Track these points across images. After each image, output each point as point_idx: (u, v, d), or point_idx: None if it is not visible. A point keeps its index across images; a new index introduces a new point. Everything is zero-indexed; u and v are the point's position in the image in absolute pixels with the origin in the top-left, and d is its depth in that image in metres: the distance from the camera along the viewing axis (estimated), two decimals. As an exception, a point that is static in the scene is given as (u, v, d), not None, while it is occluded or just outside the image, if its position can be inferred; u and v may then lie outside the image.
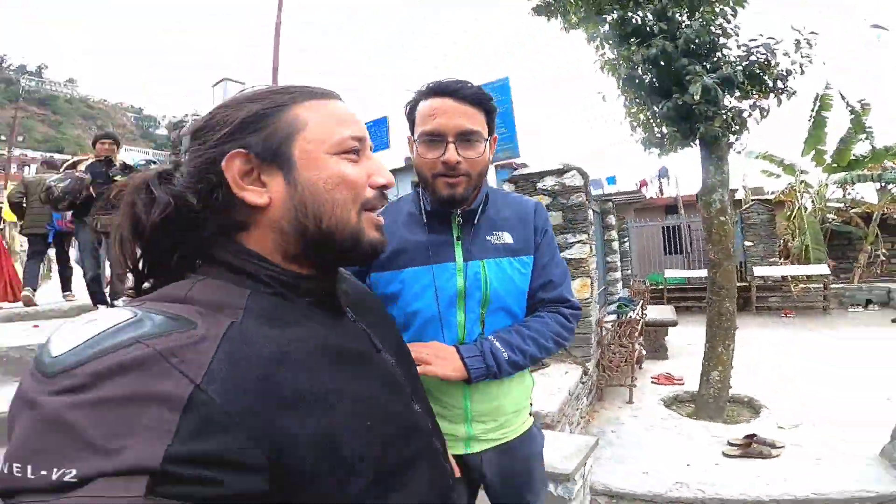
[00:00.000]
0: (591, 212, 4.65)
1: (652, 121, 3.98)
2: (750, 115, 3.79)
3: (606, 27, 3.83)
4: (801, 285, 9.46)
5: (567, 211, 4.31)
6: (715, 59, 3.60)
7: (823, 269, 9.24)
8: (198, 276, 0.55)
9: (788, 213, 11.21)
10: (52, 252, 5.55)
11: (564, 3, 3.82)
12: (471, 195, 1.12)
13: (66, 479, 0.35)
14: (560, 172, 4.35)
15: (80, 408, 0.38)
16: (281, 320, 0.53)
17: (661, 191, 15.87)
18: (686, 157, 4.14)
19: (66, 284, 5.40)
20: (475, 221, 1.14)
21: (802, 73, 3.48)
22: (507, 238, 1.16)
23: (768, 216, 10.44)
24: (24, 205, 4.94)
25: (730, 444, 3.10)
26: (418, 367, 0.90)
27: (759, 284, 9.59)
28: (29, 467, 0.36)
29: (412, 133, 1.12)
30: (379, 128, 5.23)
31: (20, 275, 5.23)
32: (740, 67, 3.41)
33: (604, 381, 4.40)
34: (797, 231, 10.74)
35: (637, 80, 3.72)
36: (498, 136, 1.18)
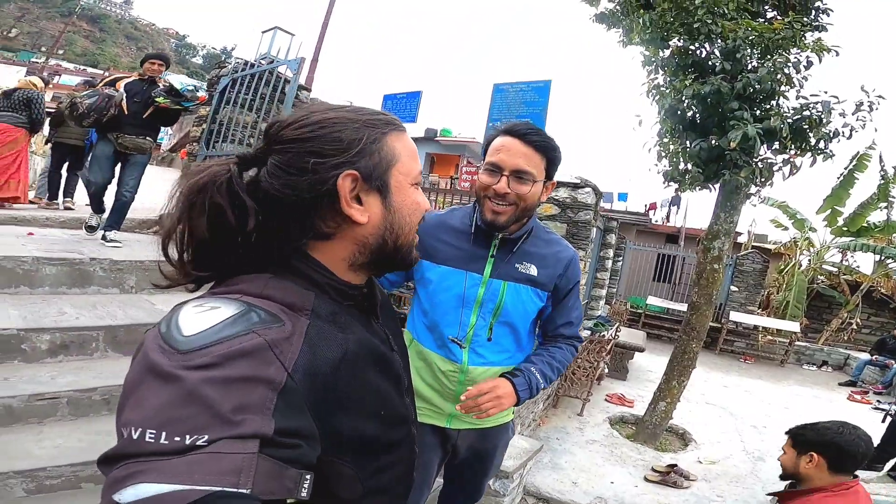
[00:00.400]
0: (594, 230, 4.51)
1: (680, 156, 3.78)
2: (780, 169, 3.60)
3: (667, 52, 3.60)
4: (770, 337, 9.51)
5: (572, 225, 4.14)
6: (767, 107, 3.36)
7: (794, 326, 9.35)
8: (265, 275, 0.58)
9: (782, 267, 11.05)
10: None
11: (631, 21, 3.56)
12: (511, 224, 1.25)
13: (199, 444, 0.40)
14: (575, 186, 4.16)
15: (213, 384, 0.43)
16: (338, 324, 0.59)
17: (667, 217, 15.63)
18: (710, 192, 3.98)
19: (68, 191, 5.31)
20: (513, 250, 1.29)
21: (850, 137, 3.26)
22: (532, 271, 1.29)
23: (762, 266, 10.28)
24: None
25: (653, 469, 3.27)
26: (480, 415, 1.17)
27: (731, 328, 9.55)
28: (164, 434, 0.41)
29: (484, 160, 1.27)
30: (411, 101, 5.06)
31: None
32: (790, 121, 3.19)
33: (562, 391, 4.50)
34: (784, 286, 10.62)
35: (679, 113, 3.50)
36: (556, 184, 1.31)
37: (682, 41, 3.52)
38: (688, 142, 3.60)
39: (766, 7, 3.67)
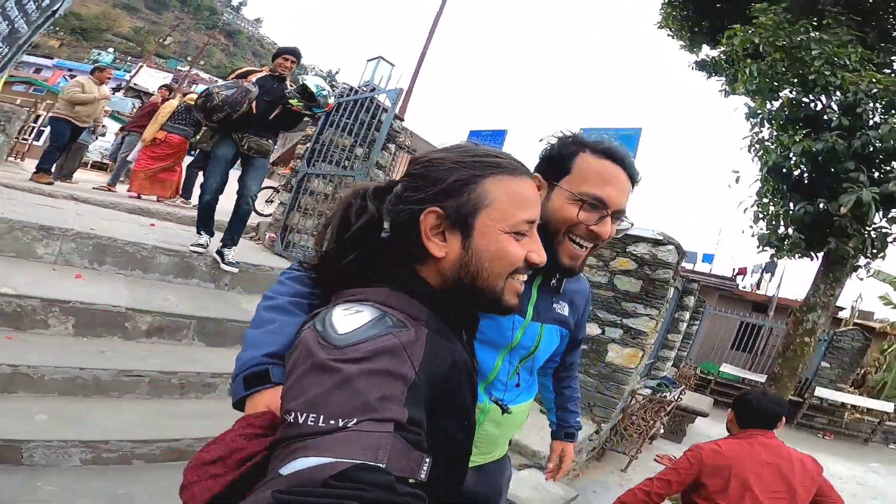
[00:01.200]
0: (671, 290, 4.20)
1: (781, 218, 3.45)
2: (895, 240, 3.17)
3: (776, 104, 3.34)
4: (857, 415, 8.39)
5: (648, 283, 3.87)
6: (888, 169, 2.96)
7: (888, 406, 8.25)
8: (385, 288, 0.65)
9: (885, 347, 9.68)
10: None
11: (737, 70, 3.34)
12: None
13: (350, 426, 0.47)
14: (657, 243, 3.92)
15: (364, 375, 0.51)
16: (446, 337, 0.65)
17: (758, 284, 14.27)
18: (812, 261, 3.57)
19: (187, 190, 5.89)
20: (559, 290, 1.12)
21: None
22: (565, 311, 1.15)
23: (862, 344, 9.03)
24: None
25: None
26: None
27: (814, 404, 8.44)
28: (322, 417, 0.48)
29: (557, 179, 1.00)
30: (496, 139, 5.14)
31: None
32: None
33: (609, 444, 4.23)
34: (885, 366, 9.31)
35: (784, 171, 3.20)
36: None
37: (794, 93, 3.23)
38: (791, 203, 3.27)
39: (894, 59, 3.30)
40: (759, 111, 3.34)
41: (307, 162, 5.05)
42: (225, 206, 3.65)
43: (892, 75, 2.99)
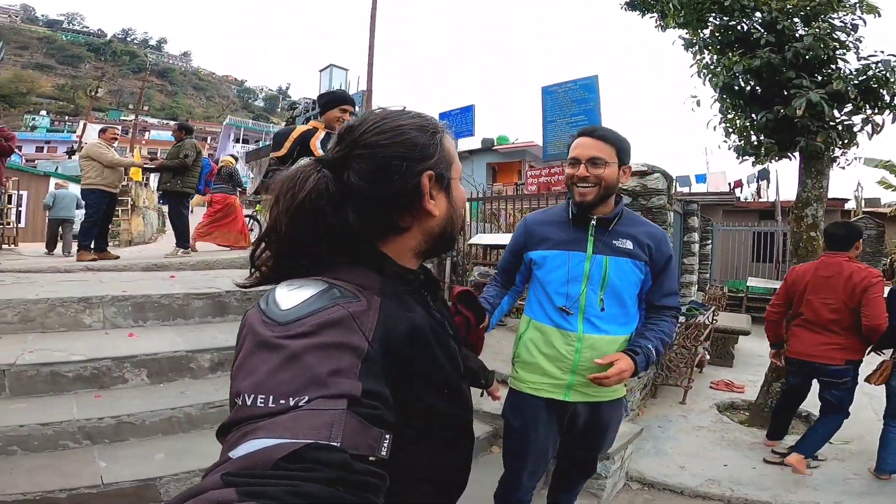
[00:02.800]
0: (671, 214, 4.57)
1: (750, 129, 3.83)
2: (861, 129, 3.55)
3: (707, 32, 3.71)
4: None
5: (646, 212, 4.25)
6: (827, 72, 3.36)
7: None
8: (337, 267, 0.67)
9: (904, 230, 10.04)
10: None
11: (662, 6, 3.71)
12: (597, 202, 1.59)
13: (301, 404, 0.48)
14: (643, 174, 4.30)
15: (311, 350, 0.52)
16: (404, 304, 0.67)
17: (758, 193, 14.74)
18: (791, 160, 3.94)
19: (183, 239, 6.21)
20: (608, 229, 1.61)
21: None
22: (628, 245, 1.61)
23: (877, 232, 9.42)
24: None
25: (773, 451, 3.15)
26: (605, 381, 1.45)
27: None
28: (271, 397, 0.48)
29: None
30: (465, 115, 5.44)
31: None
32: (855, 83, 3.18)
33: (660, 380, 4.35)
34: (908, 250, 9.63)
35: (736, 89, 3.59)
36: (632, 168, 1.69)
37: (718, 20, 3.62)
38: (753, 114, 3.66)
39: None
40: (694, 40, 3.71)
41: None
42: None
43: None
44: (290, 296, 0.58)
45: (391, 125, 0.70)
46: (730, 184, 15.28)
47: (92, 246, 5.66)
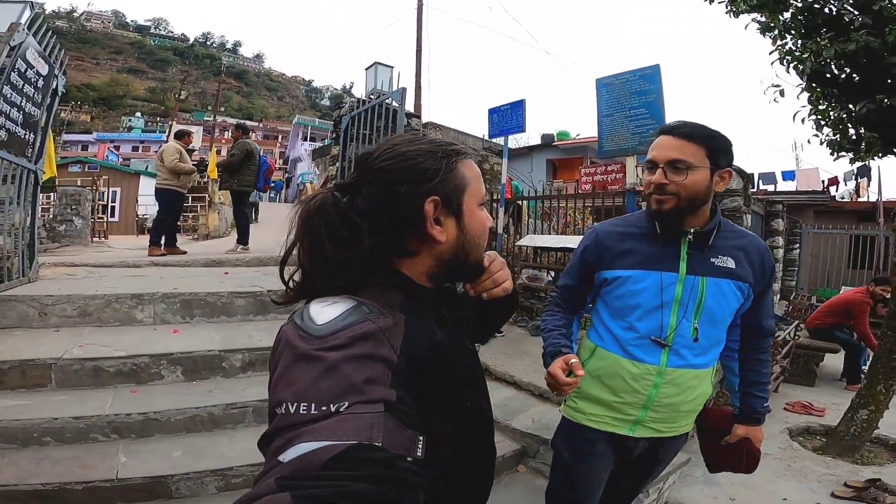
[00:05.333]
0: (748, 217, 4.11)
1: (847, 122, 3.32)
2: None
3: (788, 15, 3.25)
4: None
5: (728, 219, 3.84)
6: None
7: None
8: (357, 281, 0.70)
9: None
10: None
11: None
12: (681, 213, 1.32)
13: (341, 409, 0.51)
14: (713, 174, 3.89)
15: (347, 361, 0.55)
16: (425, 322, 0.71)
17: (856, 192, 13.20)
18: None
19: (243, 237, 6.43)
20: (709, 243, 1.35)
21: None
22: (730, 263, 1.34)
23: None
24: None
25: (846, 485, 2.78)
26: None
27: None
28: (313, 405, 0.52)
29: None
30: (516, 111, 5.20)
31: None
32: None
33: (722, 399, 3.99)
34: None
35: (828, 77, 3.11)
36: (732, 171, 1.37)
37: (801, 1, 3.15)
38: (850, 105, 3.16)
39: None
40: (772, 24, 3.25)
41: (343, 181, 5.46)
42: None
43: None
44: (324, 312, 0.62)
45: (399, 151, 0.73)
46: (823, 181, 13.72)
47: (162, 242, 6.03)
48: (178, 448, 2.32)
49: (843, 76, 3.11)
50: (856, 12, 2.85)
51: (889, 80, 2.82)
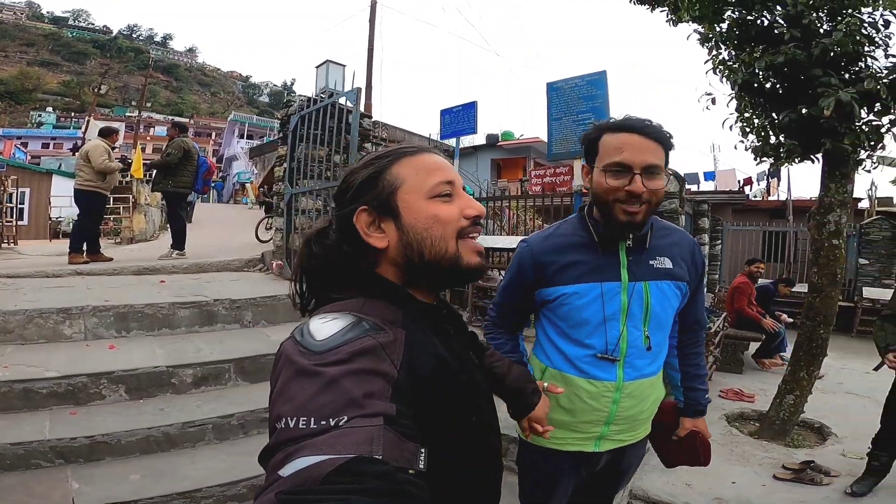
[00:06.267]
0: (683, 217, 4.38)
1: (769, 129, 3.60)
2: (888, 130, 3.32)
3: (724, 26, 3.46)
4: None
5: (657, 216, 4.07)
6: (855, 70, 3.12)
7: None
8: (360, 299, 0.72)
9: (919, 230, 9.76)
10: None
11: (679, 1, 3.48)
12: (648, 221, 1.24)
13: (341, 424, 0.51)
14: (654, 177, 4.11)
15: (347, 376, 0.55)
16: (426, 337, 0.70)
17: (767, 191, 14.46)
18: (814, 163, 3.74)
19: (179, 241, 5.85)
20: (646, 246, 1.27)
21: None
22: (667, 263, 1.28)
23: (892, 233, 9.17)
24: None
25: (784, 467, 3.02)
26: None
27: (867, 307, 8.51)
28: (312, 419, 0.51)
29: (591, 163, 1.27)
30: (468, 112, 5.24)
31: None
32: (885, 81, 2.94)
33: (666, 389, 4.23)
34: (926, 251, 9.37)
35: (756, 87, 3.36)
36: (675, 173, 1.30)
37: (736, 13, 3.36)
38: (774, 114, 3.43)
39: None
40: (710, 35, 3.47)
41: (290, 182, 5.24)
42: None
43: None
44: (324, 328, 0.62)
45: (345, 174, 0.79)
46: (739, 181, 14.98)
47: (84, 248, 5.50)
48: (134, 471, 2.14)
49: (770, 86, 3.37)
50: (786, 25, 3.08)
51: (810, 92, 3.10)
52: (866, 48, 3.06)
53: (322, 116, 4.72)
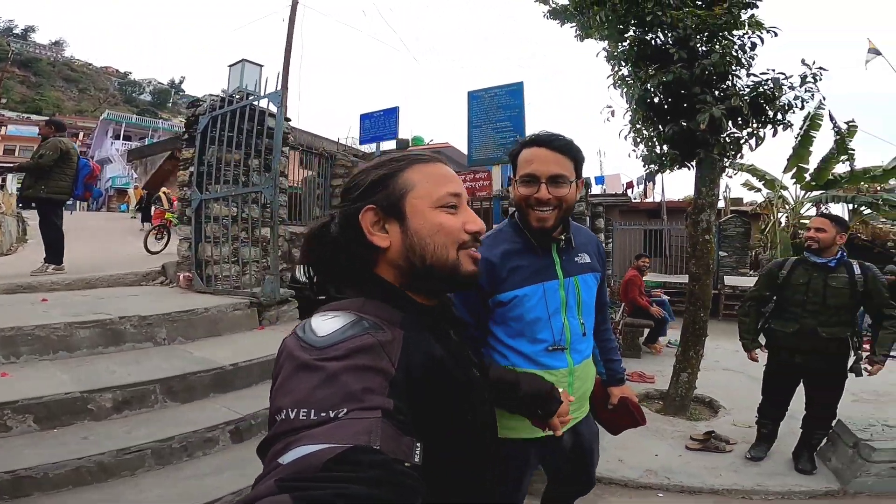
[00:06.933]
0: (587, 219, 4.82)
1: (656, 140, 4.13)
2: (746, 142, 3.98)
3: (625, 45, 3.87)
4: None
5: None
6: (723, 87, 3.71)
7: None
8: (360, 299, 0.74)
9: (763, 227, 11.65)
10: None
11: (588, 18, 3.86)
12: (559, 225, 1.40)
13: (340, 416, 0.53)
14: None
15: (346, 371, 0.57)
16: (423, 338, 0.72)
17: (645, 194, 16.24)
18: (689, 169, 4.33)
19: (55, 255, 5.11)
20: (572, 245, 1.46)
21: (802, 107, 3.64)
22: (586, 259, 1.49)
23: (744, 229, 10.82)
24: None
25: (692, 438, 3.41)
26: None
27: (728, 293, 9.96)
28: (313, 411, 0.53)
29: (515, 175, 1.43)
30: (389, 117, 5.28)
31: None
32: (747, 99, 3.53)
33: None
34: (769, 244, 11.19)
35: (648, 101, 3.83)
36: (584, 181, 1.40)
37: (637, 32, 3.81)
38: (661, 126, 3.95)
39: None
40: (615, 52, 3.92)
41: (199, 188, 4.85)
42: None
43: (707, 9, 3.61)
44: (325, 325, 0.64)
45: (361, 167, 0.81)
46: (622, 185, 16.70)
47: None
48: (73, 506, 1.88)
49: (658, 102, 3.87)
50: (676, 47, 3.56)
51: (685, 106, 3.62)
52: (733, 68, 3.64)
53: (239, 119, 4.44)
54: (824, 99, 3.83)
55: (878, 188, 11.70)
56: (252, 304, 4.18)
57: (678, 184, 18.60)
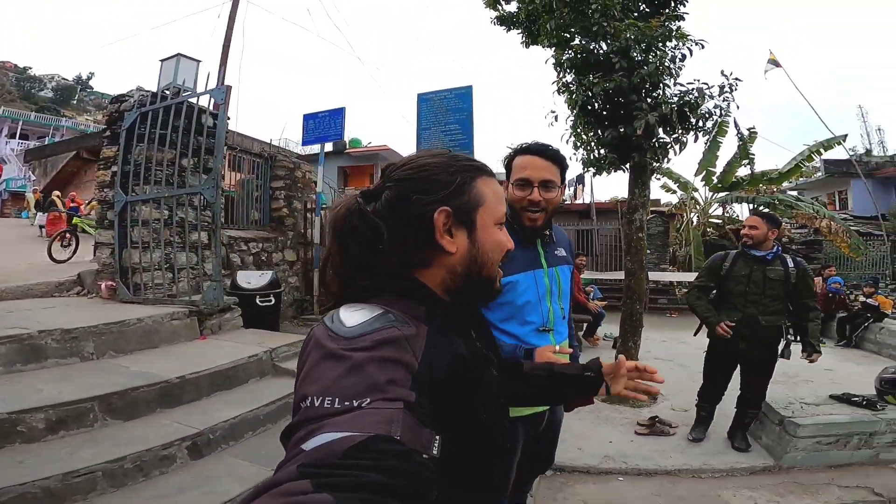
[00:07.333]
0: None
1: (594, 144, 4.37)
2: (672, 147, 4.32)
3: (571, 53, 4.06)
4: (684, 290, 10.77)
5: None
6: (655, 95, 3.99)
7: None
8: (385, 297, 0.72)
9: (678, 226, 12.68)
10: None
11: (539, 26, 4.00)
12: (547, 225, 1.59)
13: (363, 405, 0.53)
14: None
15: (373, 361, 0.58)
16: (446, 335, 0.72)
17: (575, 195, 17.07)
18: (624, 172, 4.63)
19: None
20: (553, 240, 1.64)
21: (721, 116, 4.03)
22: (563, 252, 1.67)
23: (664, 228, 11.73)
24: None
25: (639, 424, 3.64)
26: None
27: (652, 288, 10.70)
28: (337, 400, 0.54)
29: (508, 179, 1.59)
30: (335, 118, 5.13)
31: None
32: (675, 107, 3.85)
33: None
34: (684, 242, 12.21)
35: (589, 108, 4.06)
36: (565, 186, 1.51)
37: (582, 41, 4.03)
38: (600, 131, 4.19)
39: (642, 5, 4.25)
40: (561, 60, 4.12)
41: (123, 188, 4.46)
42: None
43: (645, 22, 3.90)
44: (353, 316, 0.65)
45: (418, 163, 0.77)
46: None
47: None
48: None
49: (598, 108, 4.11)
50: (618, 56, 3.79)
51: (622, 112, 3.87)
52: (664, 78, 3.94)
53: (174, 115, 4.13)
54: (738, 107, 4.25)
55: (774, 189, 13.20)
56: (192, 313, 3.91)
57: (605, 186, 19.70)
